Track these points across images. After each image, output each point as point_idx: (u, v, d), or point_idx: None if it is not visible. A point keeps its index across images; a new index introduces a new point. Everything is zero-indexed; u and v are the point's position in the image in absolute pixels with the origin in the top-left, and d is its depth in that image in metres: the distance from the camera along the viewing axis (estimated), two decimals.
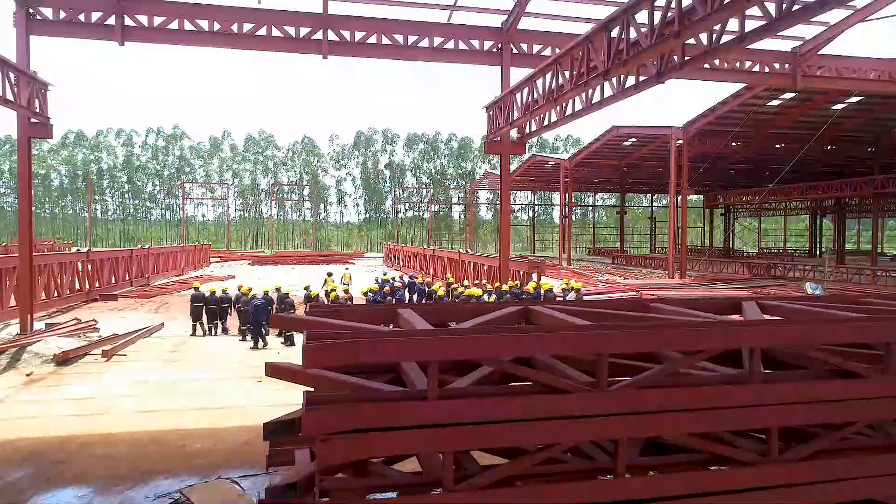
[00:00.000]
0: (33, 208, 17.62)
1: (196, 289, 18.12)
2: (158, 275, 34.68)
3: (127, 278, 29.27)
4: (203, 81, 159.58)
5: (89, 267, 24.77)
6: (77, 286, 23.53)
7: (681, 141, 36.05)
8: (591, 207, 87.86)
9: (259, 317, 15.40)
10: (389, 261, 50.48)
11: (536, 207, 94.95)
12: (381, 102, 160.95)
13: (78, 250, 45.36)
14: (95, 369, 12.28)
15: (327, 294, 20.50)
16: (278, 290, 17.39)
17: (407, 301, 17.29)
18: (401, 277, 24.57)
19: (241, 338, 16.13)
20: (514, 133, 18.10)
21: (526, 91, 15.54)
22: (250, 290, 17.20)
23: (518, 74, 16.99)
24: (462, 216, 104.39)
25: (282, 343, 15.53)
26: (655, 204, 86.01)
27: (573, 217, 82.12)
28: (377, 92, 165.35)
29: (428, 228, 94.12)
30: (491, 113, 18.14)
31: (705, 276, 38.08)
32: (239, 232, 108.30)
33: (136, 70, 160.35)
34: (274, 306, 16.41)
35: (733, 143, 38.78)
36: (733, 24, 9.81)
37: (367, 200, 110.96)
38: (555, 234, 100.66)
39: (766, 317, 5.50)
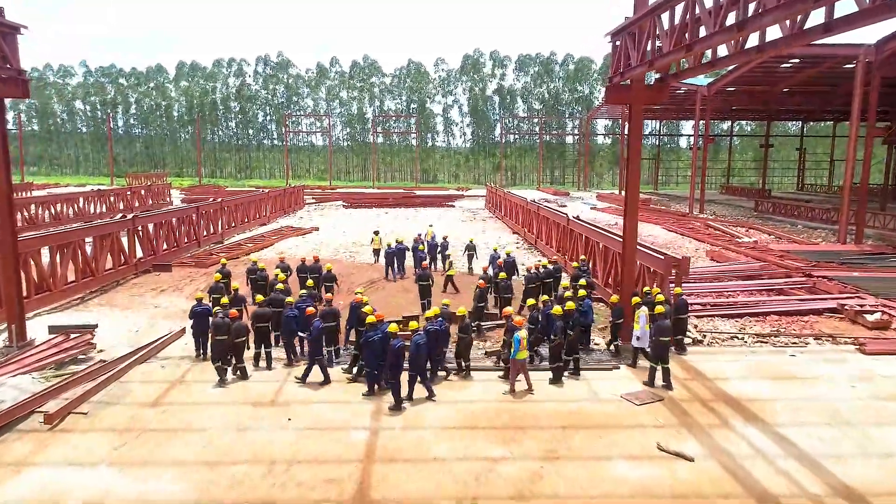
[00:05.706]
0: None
1: (223, 265, 16.43)
2: (236, 228, 31.86)
3: (194, 238, 26.43)
4: (305, 7, 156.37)
5: (139, 232, 21.81)
6: (123, 259, 20.59)
7: (870, 60, 27.62)
8: (726, 137, 76.36)
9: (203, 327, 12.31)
10: (491, 205, 45.29)
11: (661, 137, 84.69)
12: (490, 20, 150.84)
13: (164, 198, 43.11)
14: (20, 453, 8.52)
15: (376, 252, 23.07)
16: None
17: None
18: (432, 239, 21.83)
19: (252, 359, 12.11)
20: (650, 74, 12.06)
21: (680, 8, 9.48)
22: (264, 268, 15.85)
23: None
24: (577, 145, 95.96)
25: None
26: (805, 132, 73.50)
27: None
28: (486, 9, 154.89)
29: (538, 158, 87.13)
30: (618, 43, 12.10)
31: (888, 238, 29.82)
32: (346, 161, 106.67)
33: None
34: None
35: None
36: None
37: (475, 129, 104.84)
38: (681, 165, 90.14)
39: None
